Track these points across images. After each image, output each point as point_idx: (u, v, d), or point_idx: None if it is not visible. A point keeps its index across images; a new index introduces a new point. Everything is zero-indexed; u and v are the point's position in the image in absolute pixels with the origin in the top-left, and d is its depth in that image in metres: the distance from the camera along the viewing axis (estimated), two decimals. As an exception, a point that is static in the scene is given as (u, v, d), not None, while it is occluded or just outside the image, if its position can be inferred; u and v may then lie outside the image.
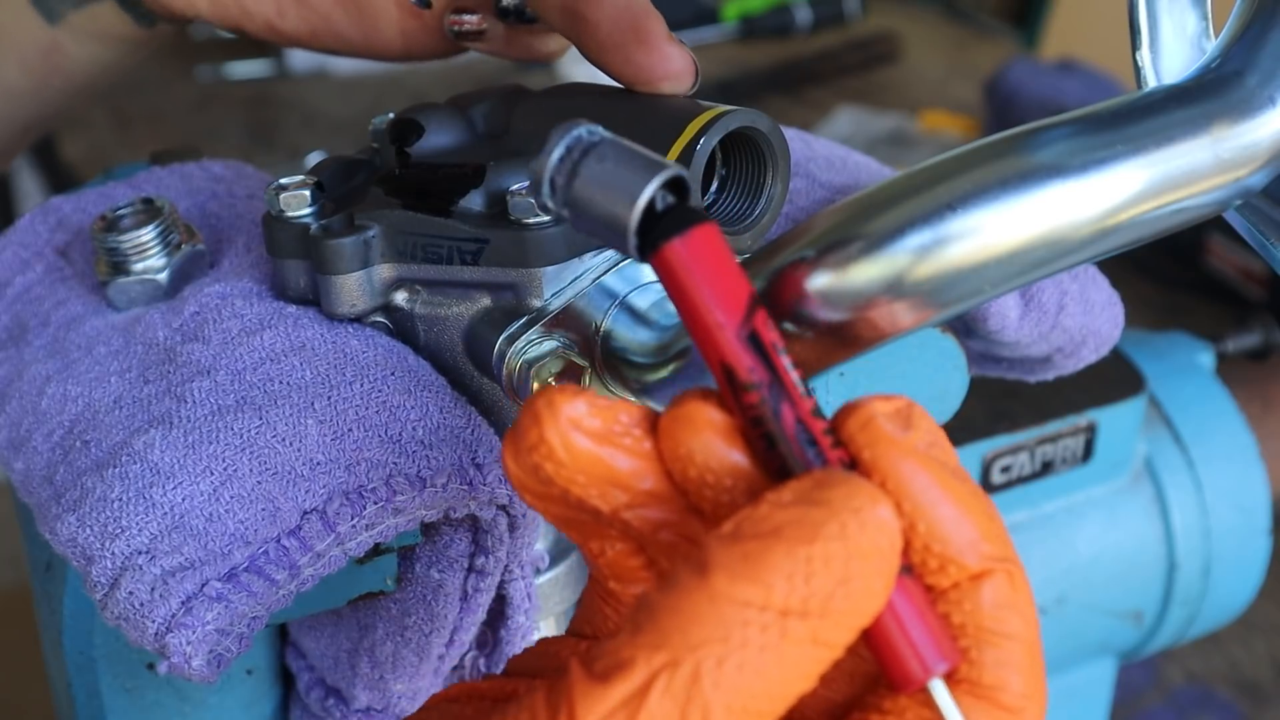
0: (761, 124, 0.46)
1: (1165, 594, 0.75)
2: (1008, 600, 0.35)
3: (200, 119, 1.55)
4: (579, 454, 0.35)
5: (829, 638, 0.32)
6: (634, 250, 0.35)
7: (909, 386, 0.55)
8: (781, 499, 0.33)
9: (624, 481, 0.36)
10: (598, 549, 0.38)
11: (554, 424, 0.35)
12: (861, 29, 1.74)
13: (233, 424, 0.46)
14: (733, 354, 0.35)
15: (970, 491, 0.35)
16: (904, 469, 0.34)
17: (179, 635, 0.42)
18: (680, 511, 0.36)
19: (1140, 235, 0.42)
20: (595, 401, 0.35)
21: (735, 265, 0.35)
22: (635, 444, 0.36)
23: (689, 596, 0.32)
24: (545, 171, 0.36)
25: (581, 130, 0.36)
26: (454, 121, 0.53)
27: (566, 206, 0.36)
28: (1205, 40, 0.48)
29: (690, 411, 0.35)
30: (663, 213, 0.35)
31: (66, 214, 0.57)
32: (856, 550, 0.32)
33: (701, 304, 0.35)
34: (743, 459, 0.35)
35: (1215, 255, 1.30)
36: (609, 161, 0.35)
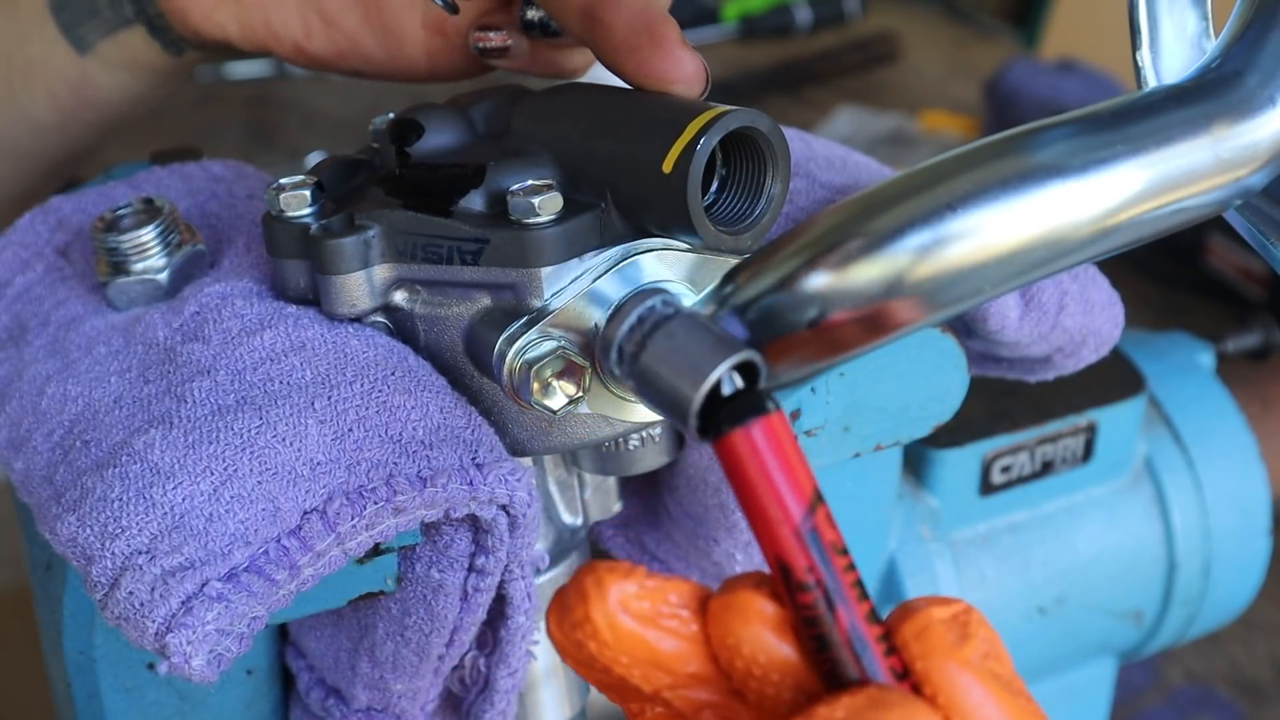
0: (761, 124, 0.46)
1: (1165, 594, 0.75)
2: None
3: (200, 119, 1.55)
4: (624, 635, 0.35)
5: None
6: (694, 433, 0.35)
7: (909, 386, 0.55)
8: (834, 715, 0.32)
9: (668, 664, 0.35)
10: (637, 709, 0.38)
11: (601, 605, 0.35)
12: (861, 29, 1.74)
13: (233, 424, 0.46)
14: (791, 553, 0.34)
15: (1023, 708, 0.35)
16: (959, 682, 0.34)
17: (179, 635, 0.42)
18: (723, 693, 0.36)
19: (1140, 235, 0.42)
20: (644, 583, 0.35)
21: (801, 459, 0.34)
22: (682, 626, 0.35)
23: None
24: (615, 339, 0.35)
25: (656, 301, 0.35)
26: (454, 121, 0.53)
27: (631, 378, 0.35)
28: (1205, 40, 0.48)
29: (742, 601, 0.35)
30: (730, 397, 0.34)
31: (66, 214, 0.57)
32: None
33: (763, 498, 0.34)
34: (792, 654, 0.35)
35: (1215, 255, 1.30)
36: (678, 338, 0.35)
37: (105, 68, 0.65)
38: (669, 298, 0.35)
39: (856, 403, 0.54)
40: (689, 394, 0.34)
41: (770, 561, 0.35)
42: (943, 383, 0.55)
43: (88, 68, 0.65)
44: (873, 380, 0.54)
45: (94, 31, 0.64)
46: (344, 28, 0.61)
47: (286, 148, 1.47)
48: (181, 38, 0.64)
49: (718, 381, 0.34)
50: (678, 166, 0.45)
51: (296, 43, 0.61)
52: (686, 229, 0.46)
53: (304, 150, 1.45)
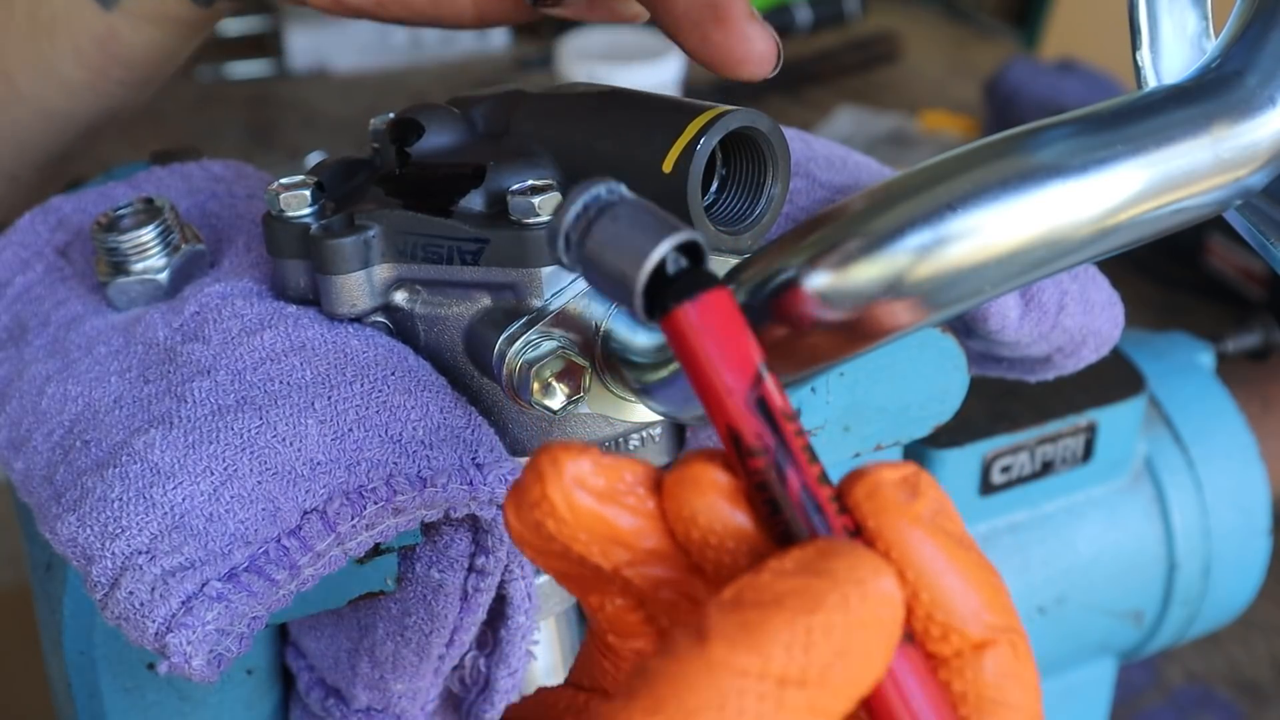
0: (761, 124, 0.46)
1: (1165, 594, 0.75)
2: (1010, 670, 0.35)
3: (200, 119, 1.55)
4: (582, 512, 0.35)
5: (826, 707, 0.32)
6: (641, 311, 0.35)
7: (909, 386, 0.55)
8: (784, 567, 0.33)
9: (626, 540, 0.36)
10: (597, 603, 0.38)
11: (558, 482, 0.35)
12: (861, 29, 1.74)
13: (233, 424, 0.46)
14: (740, 420, 0.35)
15: (975, 561, 0.35)
16: (909, 538, 0.34)
17: (179, 635, 0.42)
18: (682, 570, 0.36)
19: (1140, 235, 0.42)
20: (600, 459, 0.35)
21: (745, 331, 0.35)
22: (639, 502, 0.36)
23: (686, 663, 0.31)
24: (562, 227, 0.36)
25: (601, 189, 0.36)
26: (454, 121, 0.53)
27: (579, 263, 0.36)
28: (1205, 40, 0.48)
29: (695, 473, 0.35)
30: (674, 276, 0.35)
31: (66, 214, 0.57)
32: (858, 621, 0.32)
33: (710, 369, 0.35)
34: (746, 522, 0.35)
35: (1215, 255, 1.30)
36: (623, 222, 0.35)
37: (132, 22, 0.64)
38: (613, 186, 0.36)
39: (856, 403, 0.54)
40: (633, 274, 0.35)
41: (721, 432, 0.35)
42: (943, 383, 0.56)
43: (114, 22, 0.64)
44: (873, 380, 0.54)
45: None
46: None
47: (286, 148, 1.47)
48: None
49: (662, 261, 0.35)
50: (678, 166, 0.45)
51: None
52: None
53: (304, 150, 1.45)
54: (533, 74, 1.55)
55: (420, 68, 1.62)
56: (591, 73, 1.38)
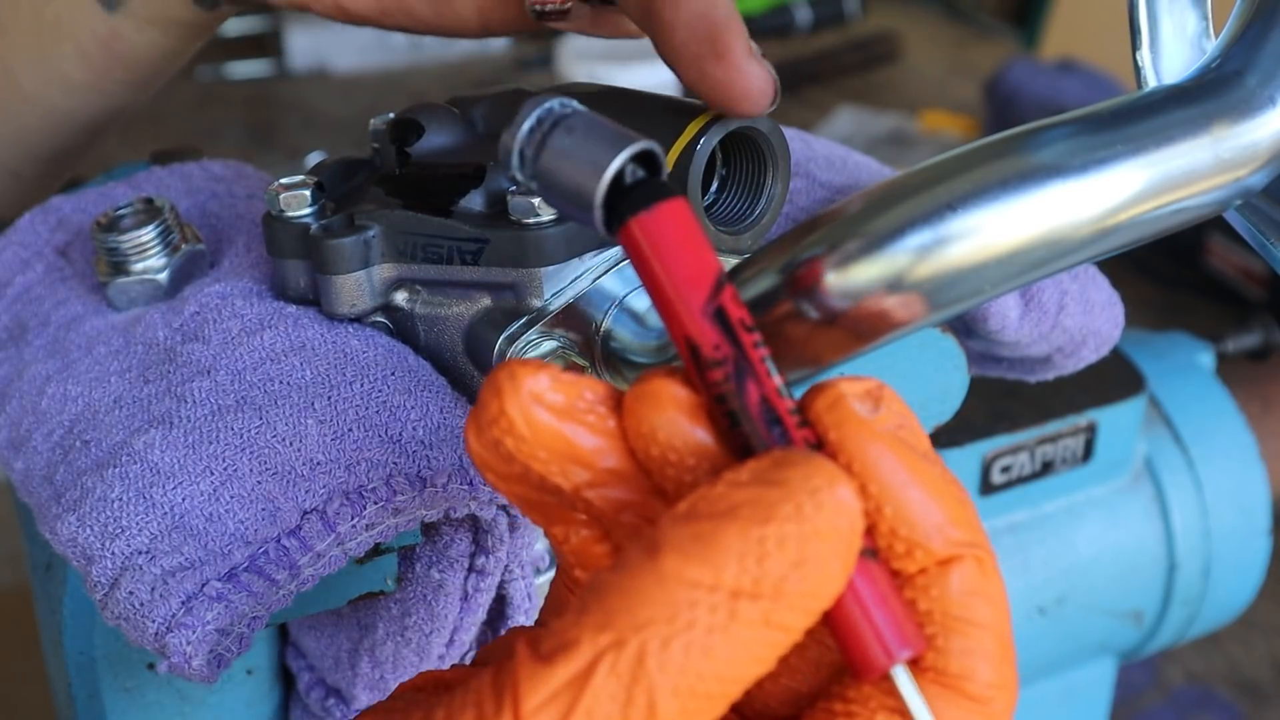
0: (761, 124, 0.46)
1: (1165, 594, 0.75)
2: (977, 587, 0.34)
3: (200, 119, 1.55)
4: (540, 428, 0.34)
5: (782, 620, 0.31)
6: (600, 224, 0.34)
7: (909, 386, 0.55)
8: (739, 478, 0.32)
9: (586, 459, 0.35)
10: (562, 535, 0.37)
11: (515, 398, 0.34)
12: (861, 29, 1.74)
13: (233, 424, 0.46)
14: (697, 330, 0.34)
15: (940, 475, 0.34)
16: (871, 450, 0.34)
17: (179, 635, 0.42)
18: (644, 493, 0.35)
19: (1140, 235, 0.42)
20: (559, 376, 0.35)
21: (703, 241, 0.34)
22: (599, 421, 0.35)
23: (637, 576, 0.31)
24: (515, 143, 0.35)
25: (554, 103, 0.35)
26: (454, 121, 0.53)
27: (535, 179, 0.35)
28: (1205, 40, 0.48)
29: (654, 388, 0.34)
30: (631, 186, 0.34)
31: (66, 214, 0.57)
32: (813, 532, 0.31)
33: (667, 279, 0.34)
34: (707, 437, 0.34)
35: (1215, 255, 1.30)
36: (578, 134, 0.35)
37: (136, 24, 0.64)
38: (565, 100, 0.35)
39: (856, 403, 0.54)
40: (591, 186, 0.34)
41: (680, 345, 0.34)
42: (943, 383, 0.56)
43: (118, 24, 0.64)
44: (873, 380, 0.54)
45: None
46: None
47: (286, 148, 1.47)
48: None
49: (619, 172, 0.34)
50: (678, 166, 0.45)
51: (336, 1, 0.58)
52: (686, 229, 0.46)
53: (304, 150, 1.45)
54: (533, 74, 1.55)
55: (420, 68, 1.62)
56: (591, 73, 1.38)
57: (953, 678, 0.34)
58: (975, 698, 0.34)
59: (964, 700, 0.34)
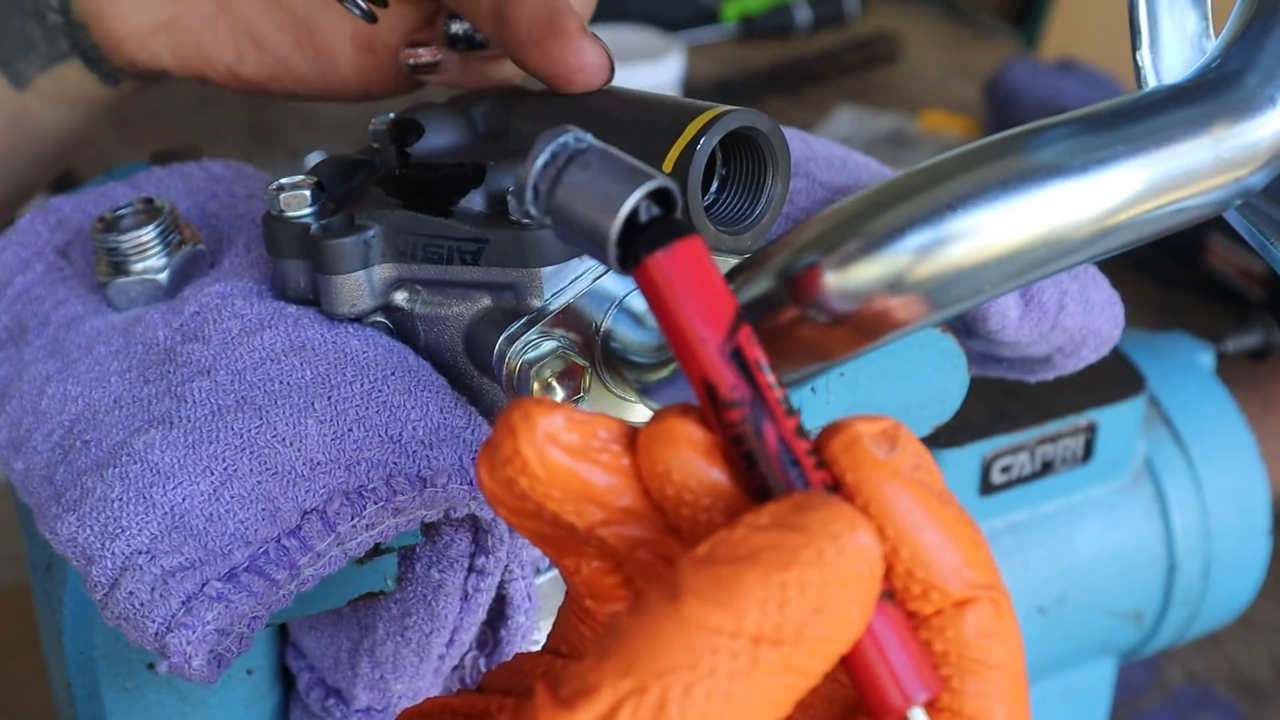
0: (761, 124, 0.46)
1: (1165, 594, 0.75)
2: (992, 629, 0.34)
3: (200, 119, 1.55)
4: (555, 469, 0.34)
5: (803, 665, 0.31)
6: (615, 261, 0.34)
7: (909, 386, 0.55)
8: (758, 522, 0.32)
9: (600, 498, 0.35)
10: (573, 566, 0.37)
11: (530, 438, 0.34)
12: (861, 29, 1.74)
13: (233, 424, 0.46)
14: (715, 370, 0.34)
15: (956, 517, 0.34)
16: (888, 492, 0.34)
17: (179, 635, 0.42)
18: (658, 530, 0.35)
19: (1140, 235, 0.42)
20: (573, 415, 0.35)
21: (720, 280, 0.34)
22: (613, 460, 0.35)
23: (658, 621, 0.31)
24: (529, 177, 0.35)
25: (569, 137, 0.35)
26: (454, 121, 0.53)
27: (549, 214, 0.35)
28: (1205, 40, 0.48)
29: (670, 428, 0.34)
30: (646, 224, 0.34)
31: (66, 214, 0.57)
32: (834, 577, 0.31)
33: (684, 319, 0.34)
34: (722, 478, 0.34)
35: (1215, 255, 1.30)
36: (593, 170, 0.35)
37: (43, 102, 0.66)
38: (580, 134, 0.35)
39: (856, 403, 0.54)
40: (606, 224, 0.34)
41: (696, 384, 0.34)
42: (943, 383, 0.55)
43: (26, 102, 0.65)
44: (873, 380, 0.54)
45: (31, 66, 0.64)
46: (276, 51, 0.61)
47: (286, 148, 1.47)
48: (118, 69, 0.64)
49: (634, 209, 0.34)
50: (678, 166, 0.45)
51: (230, 68, 0.62)
52: (686, 229, 0.46)
53: (304, 150, 1.45)
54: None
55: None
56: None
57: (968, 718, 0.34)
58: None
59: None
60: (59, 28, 0.63)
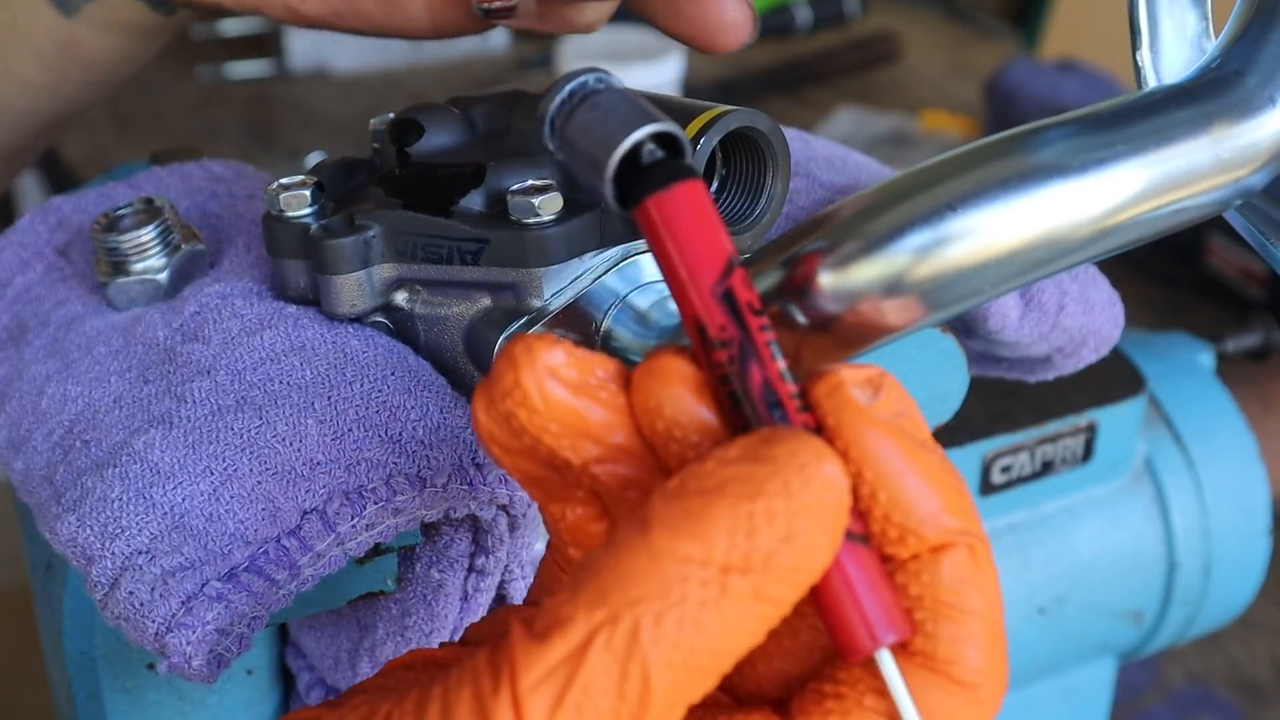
0: (761, 124, 0.46)
1: (1165, 594, 0.75)
2: (968, 575, 0.34)
3: (200, 119, 1.55)
4: (554, 402, 0.35)
5: (772, 594, 0.32)
6: (612, 200, 0.35)
7: (909, 386, 0.55)
8: (727, 455, 0.32)
9: (596, 434, 0.35)
10: (559, 512, 0.38)
11: (531, 370, 0.34)
12: (861, 29, 1.74)
13: (233, 424, 0.46)
14: (705, 310, 0.34)
15: (938, 464, 0.35)
16: (868, 436, 0.34)
17: (179, 635, 0.42)
18: (649, 470, 0.36)
19: (1140, 235, 0.42)
20: (573, 351, 0.35)
21: (717, 223, 0.35)
22: (610, 397, 0.35)
23: (629, 553, 0.31)
24: (548, 113, 0.36)
25: (590, 76, 0.36)
26: (454, 121, 0.53)
27: (562, 149, 0.36)
28: (1205, 40, 0.48)
29: (662, 364, 0.35)
30: (648, 166, 0.35)
31: (66, 214, 0.57)
32: (800, 507, 0.32)
33: (678, 259, 0.34)
34: (711, 416, 0.35)
35: (1215, 255, 1.30)
36: (602, 109, 0.35)
37: (93, 29, 0.64)
38: (603, 75, 0.36)
39: (856, 403, 0.54)
40: (604, 160, 0.35)
41: (688, 324, 0.35)
42: (943, 383, 0.55)
43: (75, 29, 0.64)
44: (873, 380, 0.54)
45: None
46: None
47: (286, 148, 1.47)
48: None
49: (636, 149, 0.35)
50: (678, 166, 0.45)
51: (289, 4, 0.59)
52: (686, 229, 0.46)
53: (304, 150, 1.45)
54: (533, 74, 1.55)
55: (420, 68, 1.62)
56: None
57: (940, 662, 0.34)
58: (962, 683, 0.34)
59: (951, 685, 0.34)
60: None
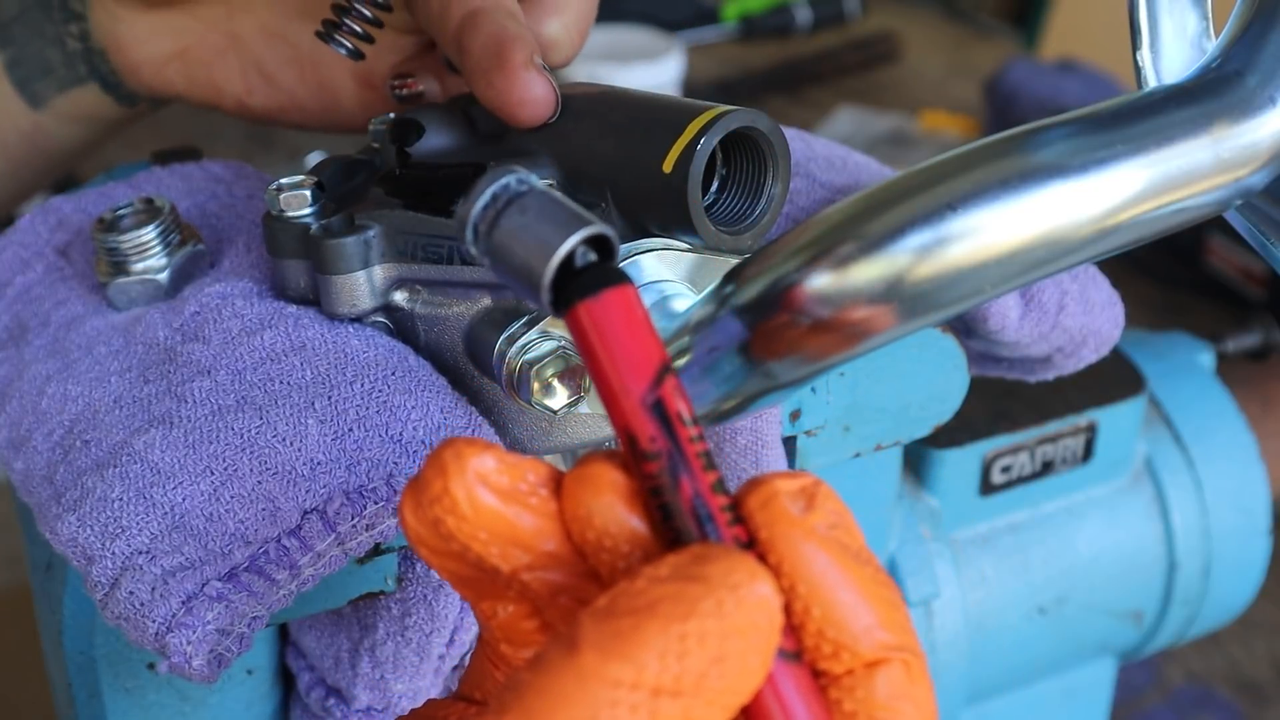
0: (761, 124, 0.46)
1: (1165, 594, 0.75)
2: (902, 690, 0.34)
3: (200, 119, 1.54)
4: (483, 510, 0.34)
5: (702, 716, 0.31)
6: (548, 306, 0.34)
7: (909, 386, 0.55)
8: (659, 574, 0.32)
9: (526, 541, 0.35)
10: (490, 610, 0.37)
11: (460, 478, 0.34)
12: (861, 29, 1.74)
13: (233, 424, 0.46)
14: (635, 421, 0.34)
15: (872, 577, 0.34)
16: (802, 551, 0.34)
17: (179, 635, 0.42)
18: (580, 576, 0.35)
19: (1140, 235, 0.42)
20: (504, 457, 0.35)
21: (648, 330, 0.34)
22: (541, 504, 0.35)
23: (557, 675, 0.31)
24: (469, 218, 0.35)
25: (510, 179, 0.35)
26: (454, 121, 0.53)
27: (487, 255, 0.35)
28: (1205, 40, 0.48)
29: (594, 473, 0.34)
30: (580, 270, 0.34)
31: (66, 214, 0.57)
32: (733, 627, 0.31)
33: (607, 368, 0.34)
34: (642, 526, 0.34)
35: (1215, 255, 1.30)
36: (531, 214, 0.35)
37: (59, 120, 0.67)
38: (523, 175, 0.36)
39: (856, 403, 0.54)
40: (540, 268, 0.34)
41: (619, 433, 0.34)
42: (943, 383, 0.56)
43: (41, 120, 0.66)
44: (873, 380, 0.54)
45: (48, 88, 0.65)
46: (282, 85, 0.63)
47: (286, 148, 1.47)
48: (134, 92, 0.65)
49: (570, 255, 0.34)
50: (678, 166, 0.45)
51: (239, 98, 0.64)
52: (687, 229, 0.46)
53: (304, 150, 1.45)
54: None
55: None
56: (592, 73, 1.38)
57: None
58: None
59: None
60: (78, 53, 0.64)
